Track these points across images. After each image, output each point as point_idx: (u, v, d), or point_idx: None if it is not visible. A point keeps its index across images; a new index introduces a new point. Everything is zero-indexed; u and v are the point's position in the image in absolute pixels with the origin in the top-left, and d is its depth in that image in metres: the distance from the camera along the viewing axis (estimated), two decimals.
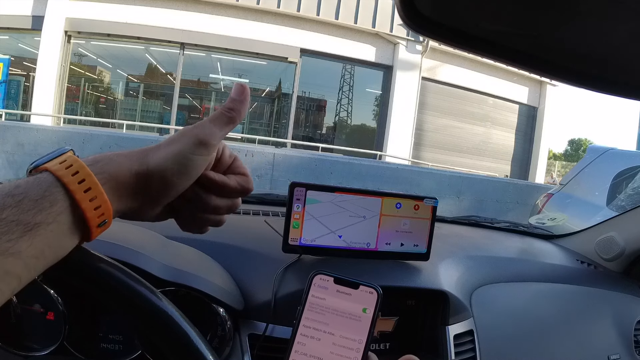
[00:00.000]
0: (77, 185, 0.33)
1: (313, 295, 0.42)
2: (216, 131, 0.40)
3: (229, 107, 0.41)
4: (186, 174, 0.38)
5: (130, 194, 0.37)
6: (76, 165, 0.34)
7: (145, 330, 0.37)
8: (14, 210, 0.29)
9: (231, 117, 0.41)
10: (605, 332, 0.83)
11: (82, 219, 0.33)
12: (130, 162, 0.37)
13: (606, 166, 2.77)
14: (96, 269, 0.37)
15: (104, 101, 9.31)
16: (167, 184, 0.38)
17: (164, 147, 0.38)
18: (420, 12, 0.31)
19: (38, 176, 0.32)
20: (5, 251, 0.28)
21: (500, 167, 9.67)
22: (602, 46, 0.33)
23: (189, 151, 0.38)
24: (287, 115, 8.88)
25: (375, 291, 0.41)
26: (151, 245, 0.58)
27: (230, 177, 0.44)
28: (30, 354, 0.51)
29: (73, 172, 0.33)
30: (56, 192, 0.32)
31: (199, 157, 0.38)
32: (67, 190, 0.32)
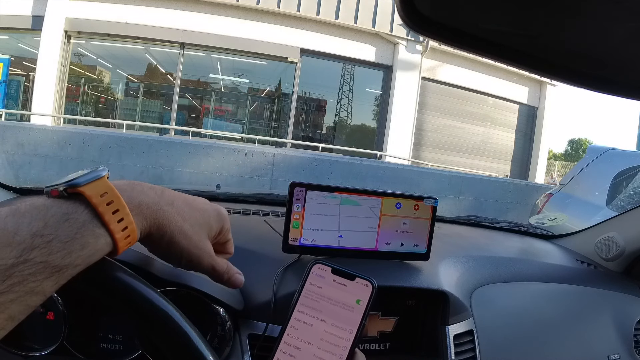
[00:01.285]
0: (112, 216, 0.32)
1: (310, 283, 0.43)
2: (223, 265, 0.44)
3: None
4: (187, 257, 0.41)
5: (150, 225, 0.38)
6: (110, 194, 0.33)
7: (146, 330, 0.37)
8: (43, 251, 0.29)
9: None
10: (605, 332, 0.83)
11: (113, 249, 0.33)
12: (154, 209, 0.38)
13: (606, 166, 2.77)
14: (96, 270, 0.37)
15: (103, 101, 9.31)
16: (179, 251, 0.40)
17: (185, 210, 0.41)
18: (420, 12, 0.31)
19: (69, 213, 0.31)
20: (30, 291, 0.28)
21: (500, 167, 9.68)
22: (602, 46, 0.33)
23: (209, 221, 0.42)
24: (287, 115, 8.88)
25: (370, 284, 0.42)
26: None
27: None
28: (30, 354, 0.51)
29: (108, 200, 0.33)
30: (87, 234, 0.31)
31: (217, 226, 0.43)
32: (107, 228, 0.32)
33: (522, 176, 9.59)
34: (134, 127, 8.52)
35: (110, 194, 0.33)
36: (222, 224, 0.44)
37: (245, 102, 9.61)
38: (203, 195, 0.97)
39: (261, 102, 9.80)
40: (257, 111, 9.82)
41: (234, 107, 9.63)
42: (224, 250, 0.48)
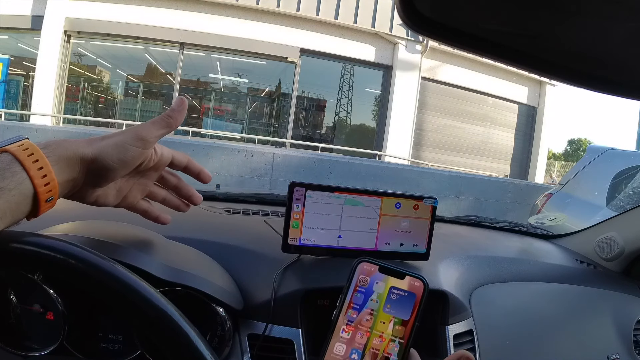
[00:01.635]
0: (32, 164, 0.38)
1: (357, 282, 0.43)
2: (153, 131, 0.48)
3: (168, 114, 0.50)
4: (124, 160, 0.45)
5: (75, 174, 0.43)
6: (31, 148, 0.40)
7: (145, 330, 0.37)
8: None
9: (168, 122, 0.49)
10: (604, 332, 0.83)
11: (35, 192, 0.39)
12: (77, 147, 0.43)
13: (606, 166, 2.77)
14: (96, 270, 0.37)
15: (103, 101, 9.31)
16: (107, 168, 0.45)
17: (108, 137, 0.46)
18: (419, 12, 0.31)
19: (0, 155, 0.38)
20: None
21: (500, 167, 9.68)
22: (602, 46, 0.33)
23: (128, 142, 0.46)
24: (286, 115, 8.88)
25: (422, 282, 0.42)
26: (151, 245, 0.58)
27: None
28: (29, 354, 0.51)
29: (29, 153, 0.39)
30: (15, 167, 0.38)
31: (135, 148, 0.46)
32: (24, 167, 0.38)
33: (521, 176, 9.59)
34: None
35: (31, 149, 0.39)
36: (142, 147, 0.47)
37: (244, 102, 9.61)
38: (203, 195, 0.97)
39: (261, 102, 9.80)
40: (257, 111, 9.82)
41: (234, 107, 9.63)
42: (199, 178, 0.55)
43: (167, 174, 0.56)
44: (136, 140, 0.46)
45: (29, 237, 0.38)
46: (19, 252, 0.37)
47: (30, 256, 0.37)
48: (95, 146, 0.44)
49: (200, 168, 0.55)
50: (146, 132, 0.47)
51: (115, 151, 0.45)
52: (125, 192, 0.52)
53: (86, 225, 0.61)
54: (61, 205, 0.85)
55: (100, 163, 0.44)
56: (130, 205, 0.54)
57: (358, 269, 0.44)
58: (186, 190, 0.57)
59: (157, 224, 0.58)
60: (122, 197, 0.52)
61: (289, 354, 0.56)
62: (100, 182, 0.46)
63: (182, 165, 0.54)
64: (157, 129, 0.48)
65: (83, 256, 0.37)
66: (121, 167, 0.46)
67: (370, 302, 0.42)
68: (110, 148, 0.45)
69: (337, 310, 0.42)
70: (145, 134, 0.47)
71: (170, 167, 0.54)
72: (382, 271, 0.43)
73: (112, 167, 0.45)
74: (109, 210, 0.55)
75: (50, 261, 0.37)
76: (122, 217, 0.64)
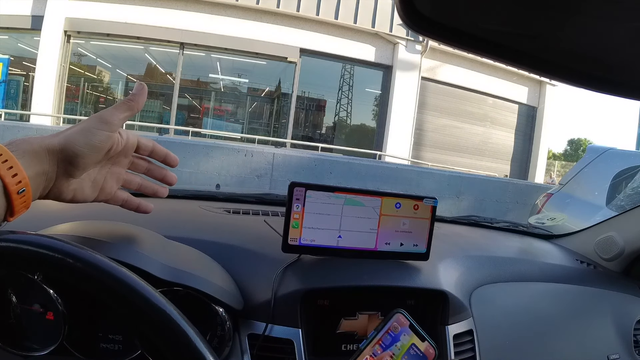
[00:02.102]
0: (6, 171, 0.39)
1: (389, 327, 0.53)
2: (117, 114, 0.49)
3: (130, 98, 0.51)
4: (91, 145, 0.46)
5: (45, 165, 0.44)
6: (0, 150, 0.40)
7: (145, 331, 0.37)
8: None
9: (130, 105, 0.51)
10: (604, 332, 0.83)
11: (2, 184, 0.39)
12: (42, 139, 0.44)
13: (606, 166, 2.77)
14: (96, 270, 0.37)
15: (103, 101, 9.31)
16: (76, 154, 0.45)
17: (73, 126, 0.47)
18: (419, 12, 0.31)
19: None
20: None
21: (500, 167, 9.68)
22: (602, 46, 0.33)
23: (93, 126, 0.47)
24: (286, 115, 8.88)
25: (434, 351, 0.53)
26: (151, 245, 0.58)
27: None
28: (29, 354, 0.51)
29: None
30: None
31: (101, 131, 0.47)
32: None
33: (521, 176, 9.59)
34: (133, 127, 8.51)
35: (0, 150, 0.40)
36: (108, 130, 0.48)
37: (244, 102, 9.61)
38: (203, 195, 0.97)
39: (261, 102, 9.80)
40: (257, 111, 9.82)
41: (234, 107, 9.63)
42: (166, 162, 0.57)
43: (137, 159, 0.57)
44: (101, 124, 0.47)
45: (29, 237, 0.38)
46: (19, 251, 0.37)
47: (30, 256, 0.37)
48: (61, 136, 0.45)
49: (166, 152, 0.57)
50: (109, 115, 0.48)
51: (81, 136, 0.46)
52: (100, 183, 0.52)
53: (86, 225, 0.61)
54: (61, 205, 0.85)
55: (69, 150, 0.45)
56: (108, 197, 0.54)
57: (395, 317, 0.53)
58: (158, 172, 0.58)
59: (157, 224, 0.58)
60: (99, 189, 0.52)
61: (289, 354, 0.56)
62: (73, 171, 0.46)
63: (149, 150, 0.56)
64: (120, 112, 0.49)
65: (83, 256, 0.37)
66: (90, 152, 0.46)
67: (394, 347, 0.51)
68: (77, 134, 0.46)
69: (368, 341, 0.51)
70: (109, 117, 0.48)
71: (137, 152, 0.56)
72: (411, 328, 0.52)
73: (81, 152, 0.45)
74: (109, 210, 0.55)
75: (50, 261, 0.37)
76: (122, 217, 0.64)
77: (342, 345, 0.60)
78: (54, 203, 0.84)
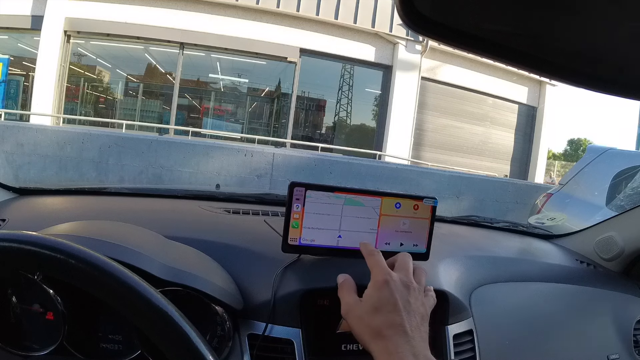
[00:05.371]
0: None
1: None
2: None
3: None
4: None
5: None
6: None
7: (145, 330, 0.37)
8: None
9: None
10: (604, 332, 0.83)
11: None
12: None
13: (605, 166, 2.77)
14: (96, 270, 0.37)
15: (103, 101, 9.31)
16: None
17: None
18: (419, 12, 0.31)
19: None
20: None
21: (500, 167, 9.68)
22: (602, 46, 0.33)
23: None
24: (286, 115, 8.87)
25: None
26: (151, 245, 0.58)
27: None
28: (29, 354, 0.51)
29: None
30: None
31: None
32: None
33: (521, 176, 9.59)
34: (133, 127, 8.51)
35: None
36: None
37: (244, 102, 9.60)
38: (203, 195, 0.97)
39: (261, 102, 9.80)
40: (257, 111, 9.81)
41: (234, 107, 9.63)
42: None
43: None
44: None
45: (29, 237, 0.38)
46: (19, 251, 0.37)
47: (31, 256, 0.37)
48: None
49: None
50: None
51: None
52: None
53: (86, 225, 0.61)
54: (61, 205, 0.85)
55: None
56: None
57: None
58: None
59: (157, 224, 0.58)
60: None
61: (289, 354, 0.56)
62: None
63: None
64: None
65: (83, 256, 0.37)
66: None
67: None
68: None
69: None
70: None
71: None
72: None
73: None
74: (109, 210, 0.55)
75: (50, 261, 0.37)
76: (122, 217, 0.64)
77: (342, 345, 0.60)
78: (54, 203, 0.85)
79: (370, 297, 0.50)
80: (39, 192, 0.87)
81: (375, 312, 0.49)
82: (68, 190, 0.90)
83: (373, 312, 0.49)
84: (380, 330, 0.47)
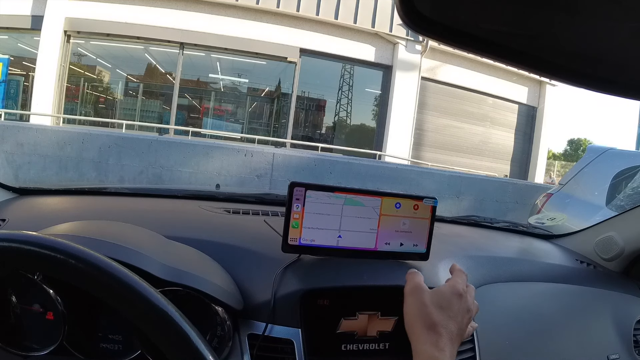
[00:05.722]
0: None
1: None
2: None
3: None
4: None
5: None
6: None
7: (145, 330, 0.37)
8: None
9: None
10: (604, 332, 0.83)
11: None
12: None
13: (605, 166, 2.77)
14: (96, 270, 0.37)
15: (103, 101, 9.30)
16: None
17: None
18: (419, 12, 0.31)
19: None
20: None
21: (500, 167, 9.68)
22: (602, 46, 0.33)
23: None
24: (286, 115, 8.87)
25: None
26: (151, 245, 0.58)
27: None
28: (29, 354, 0.51)
29: None
30: None
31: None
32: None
33: (521, 176, 9.59)
34: (133, 127, 8.51)
35: None
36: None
37: (244, 102, 9.60)
38: (203, 195, 0.97)
39: (261, 102, 9.80)
40: (257, 111, 9.81)
41: (234, 107, 9.63)
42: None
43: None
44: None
45: (29, 237, 0.38)
46: (19, 251, 0.37)
47: (31, 256, 0.37)
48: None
49: None
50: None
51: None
52: None
53: (86, 225, 0.61)
54: (61, 205, 0.85)
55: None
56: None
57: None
58: None
59: (157, 224, 0.58)
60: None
61: (289, 354, 0.56)
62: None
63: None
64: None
65: (83, 256, 0.37)
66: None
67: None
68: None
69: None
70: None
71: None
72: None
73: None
74: (109, 210, 0.55)
75: (50, 261, 0.37)
76: (122, 217, 0.64)
77: (342, 345, 0.60)
78: (54, 203, 0.85)
79: (442, 294, 0.55)
80: (39, 192, 0.87)
81: (441, 309, 0.53)
82: (68, 190, 0.90)
83: (439, 307, 0.54)
84: (437, 325, 0.52)
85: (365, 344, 0.62)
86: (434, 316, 0.52)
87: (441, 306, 0.54)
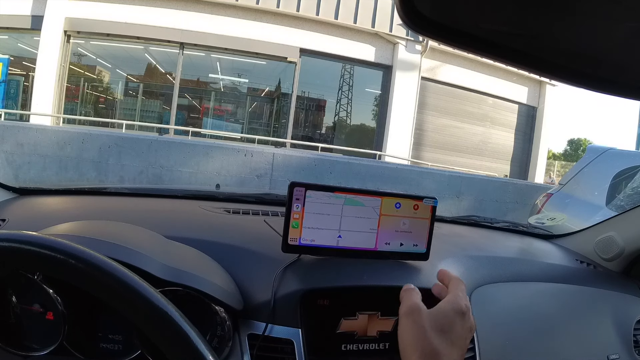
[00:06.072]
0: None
1: None
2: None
3: None
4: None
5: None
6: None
7: (145, 330, 0.37)
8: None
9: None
10: (604, 332, 0.83)
11: None
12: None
13: (605, 166, 2.77)
14: (96, 270, 0.37)
15: (103, 101, 9.30)
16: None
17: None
18: (419, 12, 0.31)
19: None
20: None
21: (500, 167, 9.68)
22: (602, 46, 0.33)
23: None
24: (286, 115, 8.87)
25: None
26: (151, 245, 0.58)
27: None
28: (29, 354, 0.51)
29: None
30: None
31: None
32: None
33: (521, 176, 9.59)
34: (133, 127, 8.51)
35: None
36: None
37: (244, 102, 9.60)
38: (203, 195, 0.97)
39: (261, 102, 9.80)
40: (257, 111, 9.81)
41: (234, 107, 9.63)
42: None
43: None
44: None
45: (29, 237, 0.38)
46: (19, 251, 0.37)
47: (31, 256, 0.37)
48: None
49: None
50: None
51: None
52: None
53: (86, 225, 0.61)
54: (61, 205, 0.85)
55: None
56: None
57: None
58: None
59: (157, 224, 0.58)
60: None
61: (289, 354, 0.56)
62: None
63: None
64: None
65: (83, 256, 0.37)
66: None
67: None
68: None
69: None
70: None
71: None
72: None
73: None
74: (109, 210, 0.55)
75: (50, 261, 0.37)
76: (122, 217, 0.64)
77: (342, 345, 0.60)
78: (54, 203, 0.85)
79: (444, 314, 0.48)
80: (39, 192, 0.87)
81: (442, 334, 0.46)
82: (68, 190, 0.91)
83: (439, 331, 0.47)
84: (438, 352, 0.45)
85: (365, 344, 0.62)
86: (434, 343, 0.45)
87: (442, 330, 0.47)
